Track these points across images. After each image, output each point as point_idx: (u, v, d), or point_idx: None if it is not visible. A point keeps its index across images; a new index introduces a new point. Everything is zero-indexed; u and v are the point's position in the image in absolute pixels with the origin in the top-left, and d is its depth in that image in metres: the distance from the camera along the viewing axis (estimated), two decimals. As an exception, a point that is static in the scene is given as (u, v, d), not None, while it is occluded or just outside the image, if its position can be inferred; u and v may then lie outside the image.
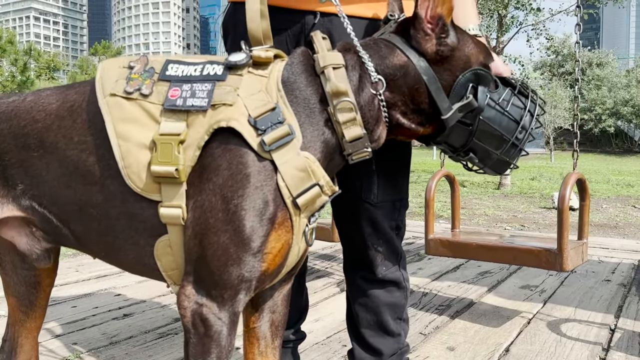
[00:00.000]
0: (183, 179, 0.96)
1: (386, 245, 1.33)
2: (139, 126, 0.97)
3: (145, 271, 1.09)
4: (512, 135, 1.09)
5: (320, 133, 1.01)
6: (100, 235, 1.07)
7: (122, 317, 2.39)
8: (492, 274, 3.25)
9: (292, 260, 1.07)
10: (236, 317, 1.00)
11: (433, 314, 2.46)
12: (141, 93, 0.99)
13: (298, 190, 0.96)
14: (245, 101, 0.96)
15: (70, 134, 1.05)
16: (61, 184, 1.06)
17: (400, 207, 1.34)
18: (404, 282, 1.38)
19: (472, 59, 1.07)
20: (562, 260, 2.07)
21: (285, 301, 1.22)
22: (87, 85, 1.09)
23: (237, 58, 0.99)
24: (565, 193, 2.10)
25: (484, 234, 2.65)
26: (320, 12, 1.22)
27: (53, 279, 1.34)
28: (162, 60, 1.04)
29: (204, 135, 0.95)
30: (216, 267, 0.96)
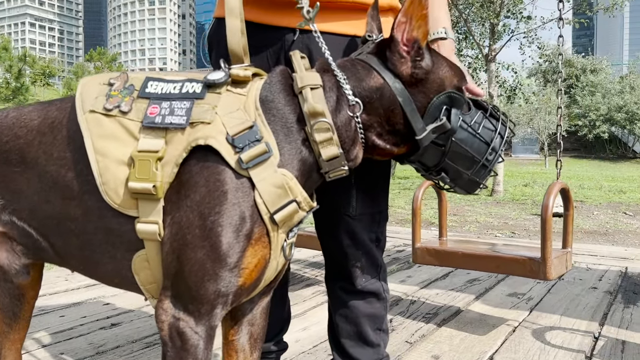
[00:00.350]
0: (160, 196, 0.98)
1: (366, 257, 1.35)
2: (118, 143, 0.98)
3: (123, 284, 1.11)
4: (483, 157, 1.12)
5: (297, 151, 1.02)
6: (79, 249, 1.08)
7: (110, 326, 2.40)
8: (481, 282, 3.27)
9: (270, 275, 1.09)
10: (213, 331, 1.02)
11: (420, 322, 2.48)
12: (120, 110, 1.01)
13: (275, 206, 0.98)
14: (224, 119, 0.97)
15: (50, 149, 1.06)
16: (41, 199, 1.07)
17: (379, 219, 1.36)
18: (383, 293, 1.39)
19: (446, 82, 1.09)
20: (545, 269, 2.10)
21: (264, 314, 1.23)
22: (68, 101, 1.10)
23: (215, 76, 1.01)
24: (548, 202, 2.13)
25: (471, 242, 2.67)
26: (299, 29, 1.24)
27: (37, 291, 1.35)
28: (142, 78, 1.05)
29: (182, 152, 0.97)
30: (193, 282, 0.97)
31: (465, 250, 2.32)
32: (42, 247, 1.12)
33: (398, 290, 3.04)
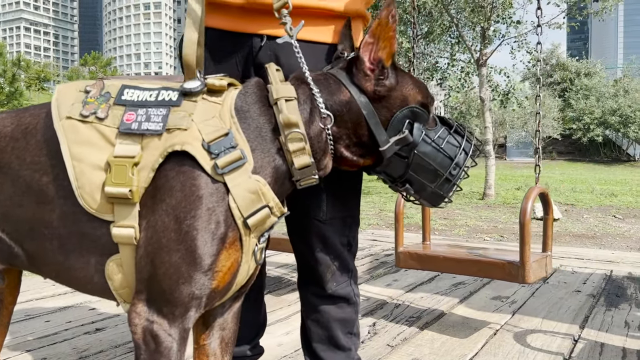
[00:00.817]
0: (136, 200, 1.00)
1: (336, 261, 1.37)
2: (94, 148, 1.00)
3: (95, 290, 1.12)
4: (446, 171, 1.18)
5: (271, 159, 1.06)
6: (52, 254, 1.10)
7: (94, 331, 2.41)
8: (466, 285, 3.29)
9: (241, 278, 1.11)
10: (186, 333, 1.04)
11: (403, 326, 2.50)
12: (97, 116, 1.03)
13: (249, 211, 1.01)
14: (199, 126, 1.01)
15: (23, 155, 1.08)
16: (14, 204, 1.09)
17: (351, 223, 1.39)
18: (354, 297, 1.42)
19: (409, 98, 1.16)
20: (524, 272, 2.12)
21: (235, 318, 1.25)
22: (43, 108, 1.13)
23: (191, 85, 1.05)
24: (526, 207, 2.15)
25: (454, 246, 2.69)
26: (267, 35, 1.27)
27: (15, 297, 1.37)
28: (118, 85, 1.08)
29: (158, 158, 0.99)
30: (167, 285, 0.99)
31: (446, 254, 2.35)
32: (15, 253, 1.13)
33: (383, 294, 3.07)
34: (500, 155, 44.38)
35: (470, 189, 12.15)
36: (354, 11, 1.31)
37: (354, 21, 1.33)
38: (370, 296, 3.03)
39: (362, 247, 4.68)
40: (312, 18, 1.27)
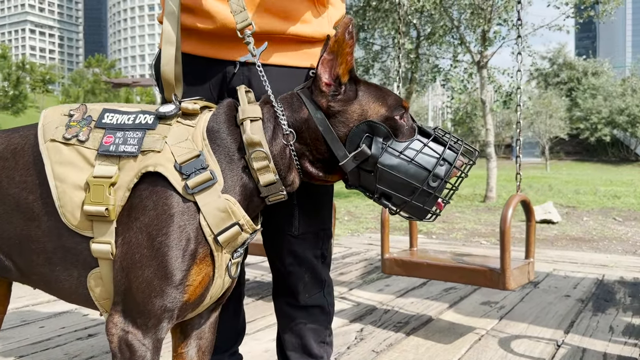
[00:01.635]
0: (113, 218, 1.07)
1: (309, 273, 1.42)
2: (75, 169, 1.07)
3: (79, 300, 1.19)
4: (423, 183, 1.14)
5: (239, 178, 1.12)
6: (39, 267, 1.16)
7: (87, 337, 2.46)
8: (457, 290, 3.33)
9: (216, 292, 1.17)
10: (159, 342, 1.10)
11: (390, 332, 2.54)
12: (78, 139, 1.10)
13: (219, 228, 1.07)
14: (172, 148, 1.07)
15: (12, 174, 1.15)
16: (3, 220, 1.16)
17: (323, 236, 1.44)
18: (327, 307, 1.46)
19: (369, 112, 1.16)
20: (504, 279, 2.16)
21: (212, 328, 1.31)
22: (30, 129, 1.19)
23: (166, 109, 1.11)
24: (507, 214, 2.19)
25: (439, 252, 2.73)
26: (239, 62, 1.32)
27: (5, 307, 1.44)
28: (99, 109, 1.15)
29: (134, 178, 1.06)
30: (141, 298, 1.06)
31: (430, 262, 2.39)
32: (5, 266, 1.20)
33: (374, 300, 3.11)
34: (506, 156, 44.30)
35: (472, 191, 12.17)
36: (321, 35, 1.36)
37: (319, 45, 1.37)
38: (361, 301, 3.07)
39: (357, 251, 4.73)
40: (281, 44, 1.32)
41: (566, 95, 41.31)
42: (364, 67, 15.11)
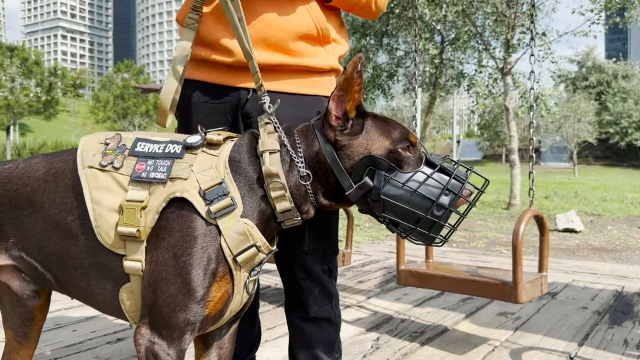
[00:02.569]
0: (143, 238, 1.19)
1: (318, 287, 1.53)
2: (110, 193, 1.19)
3: (112, 312, 1.31)
4: (427, 212, 1.20)
5: (257, 204, 1.23)
6: (77, 280, 1.29)
7: (116, 341, 2.60)
8: (474, 300, 3.38)
9: (235, 307, 1.28)
10: (182, 353, 1.21)
11: (405, 341, 2.61)
12: (113, 166, 1.23)
13: (238, 249, 1.18)
14: (198, 176, 1.19)
15: (53, 196, 1.28)
16: (45, 238, 1.28)
17: (330, 252, 1.54)
18: (335, 318, 1.56)
19: (373, 146, 1.25)
20: (516, 293, 2.22)
21: (231, 338, 1.42)
22: (70, 155, 1.32)
23: (193, 140, 1.23)
24: (519, 229, 2.25)
25: (454, 265, 2.80)
26: (252, 88, 1.44)
27: (45, 314, 1.57)
28: (132, 138, 1.27)
29: (162, 202, 1.18)
30: (166, 312, 1.17)
31: (444, 274, 2.46)
32: (47, 279, 1.33)
33: (391, 309, 3.18)
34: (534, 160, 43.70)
35: (496, 198, 12.11)
36: (328, 66, 1.47)
37: (328, 75, 1.48)
38: (378, 310, 3.15)
39: (376, 259, 4.80)
40: (291, 73, 1.44)
41: (595, 99, 40.66)
42: (387, 73, 15.16)
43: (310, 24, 1.43)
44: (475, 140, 54.87)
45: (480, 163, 43.52)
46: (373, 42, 14.74)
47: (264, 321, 2.87)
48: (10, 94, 25.47)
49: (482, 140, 45.78)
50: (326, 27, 1.46)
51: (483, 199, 11.66)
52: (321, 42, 1.47)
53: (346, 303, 3.30)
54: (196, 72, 1.48)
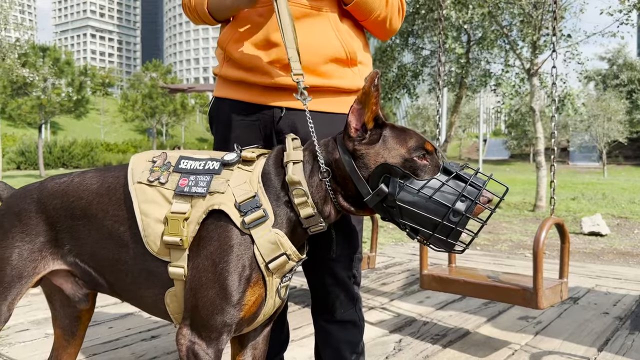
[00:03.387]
0: (186, 246, 1.31)
1: (344, 292, 1.63)
2: (157, 206, 1.32)
3: (159, 313, 1.44)
4: (443, 218, 1.24)
5: (285, 213, 1.33)
6: (127, 284, 1.42)
7: (150, 338, 2.74)
8: (495, 304, 3.44)
9: (268, 310, 1.40)
10: (220, 352, 1.33)
11: (427, 343, 2.70)
12: (159, 182, 1.36)
13: (270, 257, 1.29)
14: (234, 190, 1.30)
15: (106, 208, 1.41)
16: (98, 246, 1.42)
17: (356, 259, 1.65)
18: (359, 321, 1.67)
19: (388, 155, 1.31)
20: (537, 299, 2.29)
21: (265, 340, 1.53)
22: (121, 171, 1.45)
23: (230, 157, 1.35)
24: (540, 237, 2.31)
25: (477, 270, 2.86)
26: (285, 107, 1.55)
27: (91, 315, 1.72)
28: (177, 156, 1.40)
29: (202, 214, 1.30)
30: (205, 315, 1.29)
31: (466, 279, 2.53)
32: (99, 283, 1.47)
33: (414, 311, 3.26)
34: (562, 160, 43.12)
35: (522, 199, 12.03)
36: (355, 87, 1.57)
37: (355, 95, 1.57)
38: (401, 312, 3.23)
39: (400, 261, 4.88)
40: (322, 94, 1.55)
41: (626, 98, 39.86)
42: (412, 72, 15.17)
43: (340, 48, 1.54)
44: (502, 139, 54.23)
45: (507, 162, 43.03)
46: (398, 41, 14.76)
47: (290, 321, 2.98)
48: (43, 94, 26.17)
49: (510, 139, 45.28)
50: (354, 50, 1.56)
51: (508, 201, 11.60)
52: (349, 64, 1.58)
53: (370, 305, 3.39)
54: (232, 92, 1.60)
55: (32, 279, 1.46)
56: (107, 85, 54.07)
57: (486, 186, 1.30)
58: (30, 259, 1.45)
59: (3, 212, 1.49)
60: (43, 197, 1.47)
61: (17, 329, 2.87)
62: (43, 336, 2.76)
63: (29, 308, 3.29)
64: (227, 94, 1.62)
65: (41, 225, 1.45)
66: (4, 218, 1.48)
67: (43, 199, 1.47)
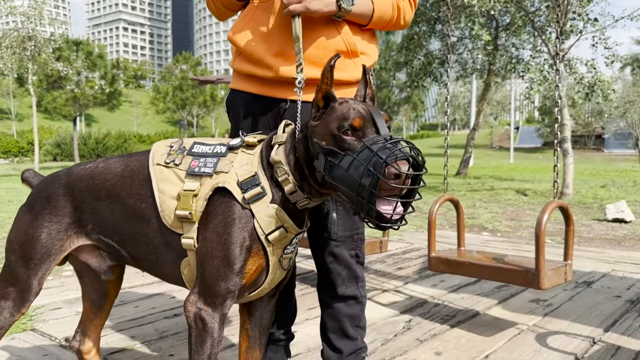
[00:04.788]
0: (195, 220, 1.46)
1: (346, 270, 1.74)
2: (171, 184, 1.48)
3: (175, 281, 1.60)
4: (355, 192, 1.23)
5: (277, 190, 1.45)
6: (148, 255, 1.58)
7: (173, 316, 2.91)
8: (509, 287, 3.50)
9: (272, 279, 1.51)
10: (224, 317, 1.47)
11: (436, 323, 2.79)
12: (174, 163, 1.52)
13: (269, 229, 1.43)
14: (236, 170, 1.45)
15: (129, 188, 1.57)
16: (121, 222, 1.58)
17: (357, 239, 1.75)
18: (360, 297, 1.78)
19: (321, 132, 1.36)
20: (538, 279, 2.36)
21: (271, 310, 1.68)
22: (144, 155, 1.61)
23: (234, 142, 1.50)
24: (542, 219, 2.39)
25: (485, 252, 2.94)
26: (290, 100, 1.68)
27: (117, 291, 1.90)
28: (191, 142, 1.56)
29: (209, 191, 1.45)
30: (211, 282, 1.44)
31: (472, 261, 2.62)
32: (122, 254, 1.63)
33: (426, 294, 3.36)
34: (596, 147, 42.11)
35: (549, 187, 11.91)
36: (355, 79, 1.67)
37: (355, 86, 1.67)
38: (414, 295, 3.33)
39: (418, 247, 4.96)
40: None
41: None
42: (439, 60, 15.07)
43: (340, 42, 1.65)
44: (535, 127, 53.21)
45: (540, 150, 42.24)
46: (425, 28, 14.68)
47: (304, 302, 3.12)
48: (77, 87, 26.89)
49: (542, 127, 44.43)
50: (353, 42, 1.66)
51: (535, 189, 11.51)
52: (350, 55, 1.68)
53: (384, 287, 3.50)
54: (244, 84, 1.74)
55: (59, 256, 1.63)
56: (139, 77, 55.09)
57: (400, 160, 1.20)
58: (58, 237, 1.61)
59: (34, 196, 1.67)
60: (70, 182, 1.64)
61: (51, 307, 3.08)
62: (74, 314, 2.95)
63: (62, 288, 3.50)
64: (239, 86, 1.76)
65: (68, 207, 1.62)
66: (35, 201, 1.65)
67: (70, 183, 1.63)
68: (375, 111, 1.34)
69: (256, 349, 1.67)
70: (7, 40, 18.49)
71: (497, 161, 28.48)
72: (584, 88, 11.70)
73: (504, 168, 21.96)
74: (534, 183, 13.27)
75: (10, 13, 18.54)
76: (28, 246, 1.61)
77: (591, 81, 11.61)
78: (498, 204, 8.59)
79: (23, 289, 1.61)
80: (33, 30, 18.66)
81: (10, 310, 1.63)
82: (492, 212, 7.57)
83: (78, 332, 1.93)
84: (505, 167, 22.50)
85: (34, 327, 2.73)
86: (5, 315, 1.63)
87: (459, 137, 36.96)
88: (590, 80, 11.60)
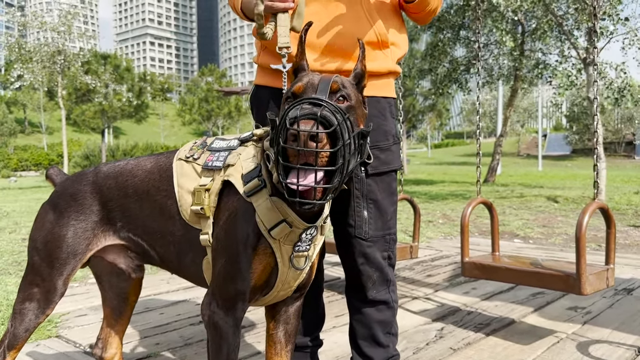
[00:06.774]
0: (208, 214, 1.39)
1: (378, 273, 1.65)
2: (189, 179, 1.43)
3: (200, 282, 1.53)
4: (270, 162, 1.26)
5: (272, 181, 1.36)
6: (174, 255, 1.52)
7: (198, 323, 2.85)
8: (544, 295, 3.36)
9: (287, 279, 1.40)
10: (238, 320, 1.40)
11: (470, 331, 2.68)
12: (194, 158, 1.47)
13: (270, 224, 1.32)
14: (243, 163, 1.38)
15: (158, 185, 1.53)
16: (150, 220, 1.53)
17: (390, 240, 1.66)
18: (392, 302, 1.68)
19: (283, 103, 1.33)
20: (580, 284, 2.24)
21: (296, 315, 1.59)
22: (172, 153, 1.57)
23: (245, 135, 1.45)
24: (582, 221, 2.26)
25: (520, 257, 2.82)
26: None
27: (138, 296, 1.84)
28: (213, 138, 1.51)
29: (219, 185, 1.39)
30: (220, 282, 1.37)
31: (508, 266, 2.50)
32: (150, 255, 1.58)
33: (458, 301, 3.24)
34: (627, 154, 41.11)
35: (581, 194, 11.61)
36: (385, 69, 1.59)
37: (386, 77, 1.60)
38: (445, 302, 3.22)
39: (448, 254, 4.83)
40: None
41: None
42: (464, 66, 14.89)
43: (370, 30, 1.57)
44: (563, 134, 52.24)
45: (569, 158, 41.40)
46: (450, 35, 14.52)
47: (332, 309, 3.03)
48: (105, 99, 27.36)
49: (571, 134, 43.58)
50: (384, 32, 1.58)
51: (566, 195, 11.22)
52: (380, 47, 1.60)
53: (414, 295, 3.39)
54: (268, 79, 1.68)
55: (85, 256, 1.58)
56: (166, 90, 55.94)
57: (303, 120, 1.10)
58: (84, 236, 1.56)
59: (59, 194, 1.62)
60: (98, 179, 1.59)
61: (76, 314, 3.05)
62: (99, 321, 2.91)
63: (88, 295, 3.48)
64: (264, 81, 1.70)
65: (95, 205, 1.57)
66: (59, 199, 1.61)
67: (98, 180, 1.59)
68: (324, 78, 1.23)
69: (283, 355, 1.58)
70: (37, 54, 18.93)
71: (525, 169, 27.99)
72: (614, 93, 11.41)
73: (532, 176, 21.54)
74: (564, 190, 12.95)
75: (41, 29, 18.99)
76: (53, 245, 1.56)
77: (621, 86, 11.32)
78: (529, 211, 8.37)
79: (48, 290, 1.57)
80: (63, 45, 19.07)
81: (35, 312, 1.58)
82: (523, 218, 7.36)
83: (100, 339, 1.87)
84: (533, 175, 22.06)
85: (58, 334, 2.70)
86: (30, 317, 1.58)
87: (485, 145, 36.43)
88: (619, 85, 11.31)
